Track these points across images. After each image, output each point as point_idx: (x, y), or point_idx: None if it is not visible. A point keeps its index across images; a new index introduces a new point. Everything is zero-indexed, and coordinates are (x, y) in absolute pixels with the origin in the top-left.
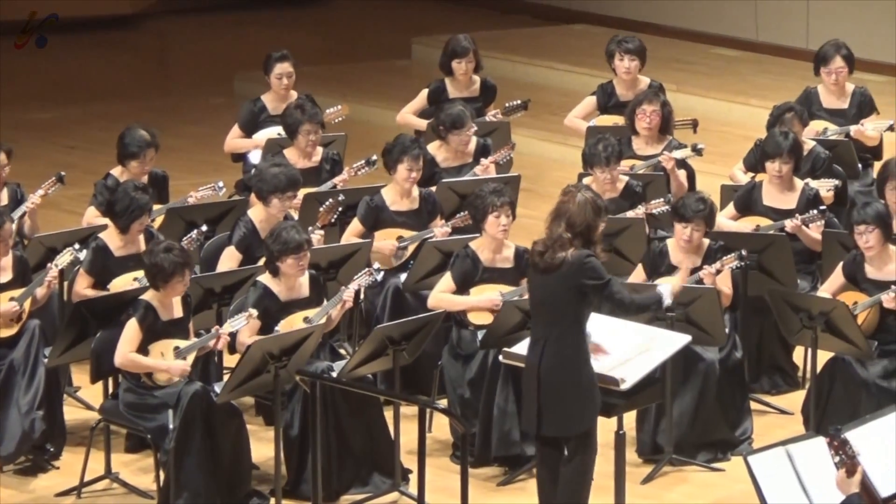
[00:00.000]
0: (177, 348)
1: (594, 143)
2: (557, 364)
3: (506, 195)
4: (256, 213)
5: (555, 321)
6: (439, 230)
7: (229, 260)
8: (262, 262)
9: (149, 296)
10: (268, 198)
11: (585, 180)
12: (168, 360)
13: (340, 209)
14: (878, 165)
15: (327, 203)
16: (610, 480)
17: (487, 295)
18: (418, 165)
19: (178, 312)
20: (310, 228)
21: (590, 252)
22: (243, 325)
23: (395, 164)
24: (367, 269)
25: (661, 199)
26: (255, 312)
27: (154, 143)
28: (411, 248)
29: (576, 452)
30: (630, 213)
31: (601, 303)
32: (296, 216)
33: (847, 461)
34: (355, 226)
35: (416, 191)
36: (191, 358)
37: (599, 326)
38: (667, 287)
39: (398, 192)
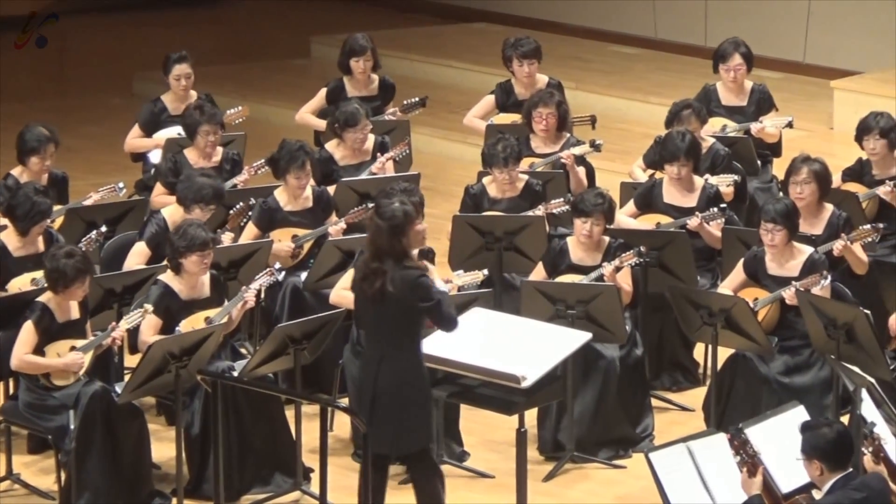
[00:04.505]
0: (73, 348)
1: (493, 143)
2: (395, 382)
3: (416, 195)
4: (171, 213)
5: (391, 340)
6: (334, 227)
7: (138, 256)
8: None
9: (45, 297)
10: (190, 206)
11: (484, 179)
12: (63, 357)
13: (251, 213)
14: (777, 162)
15: (238, 206)
16: (511, 478)
17: None
18: (305, 172)
19: (74, 314)
20: (218, 231)
21: (419, 272)
22: (139, 321)
23: (284, 173)
24: (268, 269)
25: (562, 199)
26: (150, 308)
27: (54, 139)
28: (307, 246)
29: (421, 472)
30: (530, 212)
31: (434, 322)
32: None
33: (748, 460)
34: (250, 229)
35: (308, 190)
36: (89, 357)
37: (502, 325)
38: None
39: (291, 194)
